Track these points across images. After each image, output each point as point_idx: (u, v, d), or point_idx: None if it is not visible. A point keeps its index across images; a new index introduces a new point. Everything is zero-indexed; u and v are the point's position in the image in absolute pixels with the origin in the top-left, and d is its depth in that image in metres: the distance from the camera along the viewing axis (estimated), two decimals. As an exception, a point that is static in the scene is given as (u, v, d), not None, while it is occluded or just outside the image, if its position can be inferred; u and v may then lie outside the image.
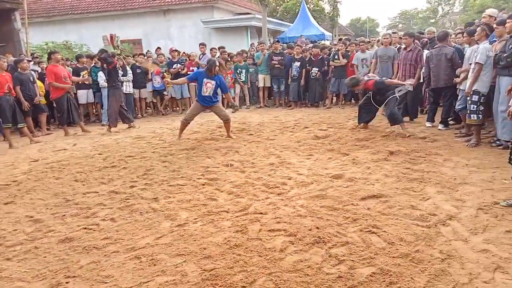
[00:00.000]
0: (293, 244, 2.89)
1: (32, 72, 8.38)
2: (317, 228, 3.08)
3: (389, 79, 6.93)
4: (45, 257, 2.93)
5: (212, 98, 6.69)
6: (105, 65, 8.08)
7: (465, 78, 5.74)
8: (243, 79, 10.54)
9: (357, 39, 12.33)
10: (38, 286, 2.56)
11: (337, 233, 3.00)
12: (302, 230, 3.06)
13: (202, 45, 10.99)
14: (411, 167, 4.59)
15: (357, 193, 3.81)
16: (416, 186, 3.97)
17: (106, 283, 2.54)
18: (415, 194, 3.78)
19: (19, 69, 7.93)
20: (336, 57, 9.78)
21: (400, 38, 9.15)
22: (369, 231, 3.02)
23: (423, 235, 2.93)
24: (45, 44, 14.95)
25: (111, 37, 9.85)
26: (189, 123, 6.96)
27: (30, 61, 9.05)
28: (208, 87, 6.58)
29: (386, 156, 5.08)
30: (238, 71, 10.51)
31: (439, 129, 6.63)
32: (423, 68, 7.00)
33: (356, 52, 9.56)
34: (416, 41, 7.81)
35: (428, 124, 6.90)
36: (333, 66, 9.80)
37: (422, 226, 3.09)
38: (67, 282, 2.57)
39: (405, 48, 7.39)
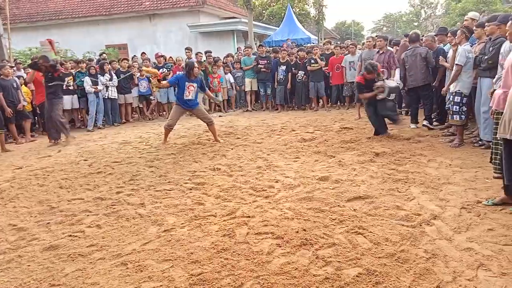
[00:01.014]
0: (280, 246, 2.90)
1: (16, 78, 8.25)
2: (304, 230, 3.10)
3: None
4: (29, 265, 2.87)
5: (193, 101, 6.71)
6: (50, 73, 7.38)
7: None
8: None
9: (338, 42, 12.45)
10: (21, 295, 2.52)
11: (324, 235, 3.02)
12: (289, 233, 3.07)
13: (188, 49, 10.96)
14: (396, 168, 4.66)
15: (343, 195, 3.85)
16: (401, 187, 4.03)
17: (92, 290, 2.51)
18: (400, 194, 3.83)
19: (1, 76, 7.80)
20: (312, 61, 9.86)
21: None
22: (355, 232, 3.05)
23: (408, 235, 2.97)
24: (28, 49, 14.73)
25: (50, 42, 9.43)
26: (172, 128, 6.93)
27: (12, 67, 8.89)
28: (191, 90, 6.59)
29: (372, 157, 5.14)
30: None
31: (424, 125, 6.77)
32: (399, 70, 7.18)
33: (344, 55, 9.68)
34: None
35: (412, 125, 7.01)
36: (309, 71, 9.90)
37: (407, 226, 3.13)
38: (51, 291, 2.53)
39: (378, 51, 7.51)
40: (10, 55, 11.66)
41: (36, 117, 9.19)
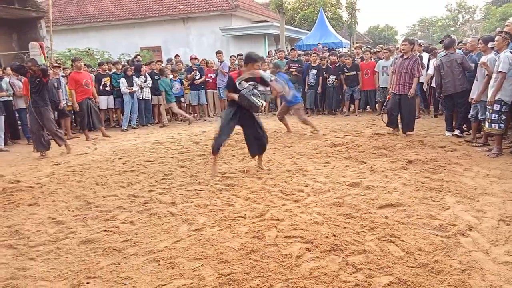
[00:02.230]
0: (309, 251, 2.89)
1: (61, 78, 8.65)
2: (334, 235, 3.07)
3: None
4: (66, 257, 3.01)
5: None
6: (38, 78, 6.62)
7: (485, 89, 5.64)
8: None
9: (369, 47, 12.30)
10: (60, 285, 2.63)
11: (354, 241, 2.99)
12: (319, 237, 3.05)
13: (219, 53, 11.11)
14: (430, 176, 4.53)
15: (375, 202, 3.78)
16: (435, 196, 3.92)
17: (125, 284, 2.59)
18: (434, 203, 3.73)
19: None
20: (345, 69, 9.88)
21: (420, 45, 9.11)
22: (387, 240, 2.99)
23: (442, 245, 2.88)
24: (68, 51, 15.37)
25: (41, 46, 9.29)
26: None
27: (58, 66, 9.23)
28: None
29: (405, 164, 5.03)
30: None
31: (455, 134, 6.57)
32: (423, 76, 7.05)
33: (375, 60, 9.58)
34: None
35: (447, 133, 6.81)
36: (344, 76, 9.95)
37: (441, 236, 3.04)
38: (87, 283, 2.64)
39: (402, 56, 6.89)
40: (51, 56, 12.20)
41: (74, 116, 9.58)
